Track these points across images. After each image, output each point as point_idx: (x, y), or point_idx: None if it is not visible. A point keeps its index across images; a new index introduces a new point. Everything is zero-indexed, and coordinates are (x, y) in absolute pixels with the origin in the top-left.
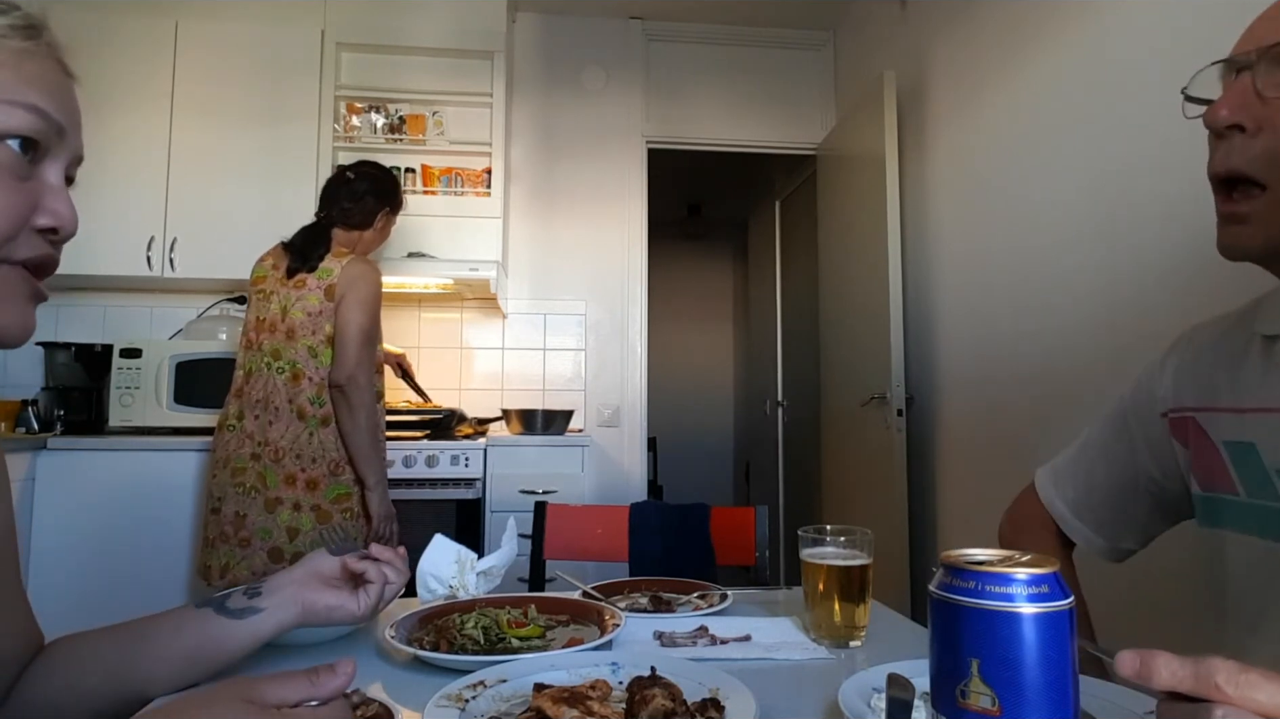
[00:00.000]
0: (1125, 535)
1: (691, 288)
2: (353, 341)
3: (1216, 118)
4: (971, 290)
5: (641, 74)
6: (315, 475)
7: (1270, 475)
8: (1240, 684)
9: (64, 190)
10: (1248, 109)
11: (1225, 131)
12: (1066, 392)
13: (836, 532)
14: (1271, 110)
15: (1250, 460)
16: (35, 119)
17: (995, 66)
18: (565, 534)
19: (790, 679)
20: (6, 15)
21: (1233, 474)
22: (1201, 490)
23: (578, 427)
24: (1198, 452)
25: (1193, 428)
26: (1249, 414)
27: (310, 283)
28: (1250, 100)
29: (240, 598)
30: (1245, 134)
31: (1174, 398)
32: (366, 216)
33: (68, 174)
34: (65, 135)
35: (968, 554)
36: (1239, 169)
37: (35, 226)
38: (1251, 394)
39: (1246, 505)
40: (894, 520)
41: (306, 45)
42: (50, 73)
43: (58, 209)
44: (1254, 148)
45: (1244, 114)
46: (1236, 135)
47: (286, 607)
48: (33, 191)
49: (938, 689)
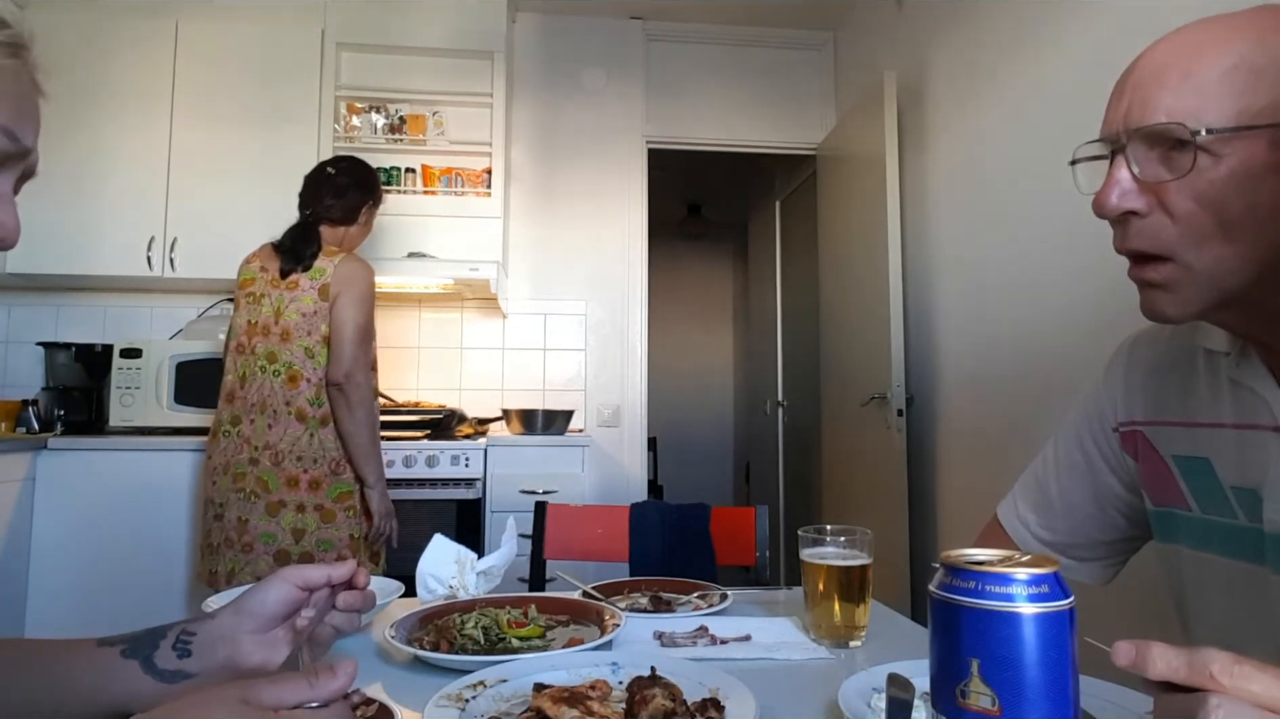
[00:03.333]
0: (1092, 555)
1: (691, 288)
2: (349, 340)
3: (1106, 208)
4: (971, 290)
5: (641, 74)
6: (317, 476)
7: (1226, 492)
8: (1235, 674)
9: (8, 200)
10: (1133, 195)
11: (1116, 220)
12: (1066, 391)
13: (836, 532)
14: (1156, 191)
15: (1203, 476)
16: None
17: (995, 66)
18: (565, 534)
19: (790, 679)
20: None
21: (1183, 489)
22: (1154, 505)
23: (578, 427)
24: (1145, 466)
25: (1141, 442)
26: (1201, 429)
27: (303, 283)
28: (1131, 186)
29: (169, 656)
30: (1140, 217)
31: (1124, 411)
32: (351, 212)
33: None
34: (25, 154)
35: (968, 554)
36: (1142, 249)
37: None
38: (1202, 409)
39: (1200, 521)
40: (894, 520)
41: (306, 45)
42: (24, 92)
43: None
44: (1150, 228)
45: (1130, 201)
46: (1132, 219)
47: (214, 673)
48: None
49: (938, 689)
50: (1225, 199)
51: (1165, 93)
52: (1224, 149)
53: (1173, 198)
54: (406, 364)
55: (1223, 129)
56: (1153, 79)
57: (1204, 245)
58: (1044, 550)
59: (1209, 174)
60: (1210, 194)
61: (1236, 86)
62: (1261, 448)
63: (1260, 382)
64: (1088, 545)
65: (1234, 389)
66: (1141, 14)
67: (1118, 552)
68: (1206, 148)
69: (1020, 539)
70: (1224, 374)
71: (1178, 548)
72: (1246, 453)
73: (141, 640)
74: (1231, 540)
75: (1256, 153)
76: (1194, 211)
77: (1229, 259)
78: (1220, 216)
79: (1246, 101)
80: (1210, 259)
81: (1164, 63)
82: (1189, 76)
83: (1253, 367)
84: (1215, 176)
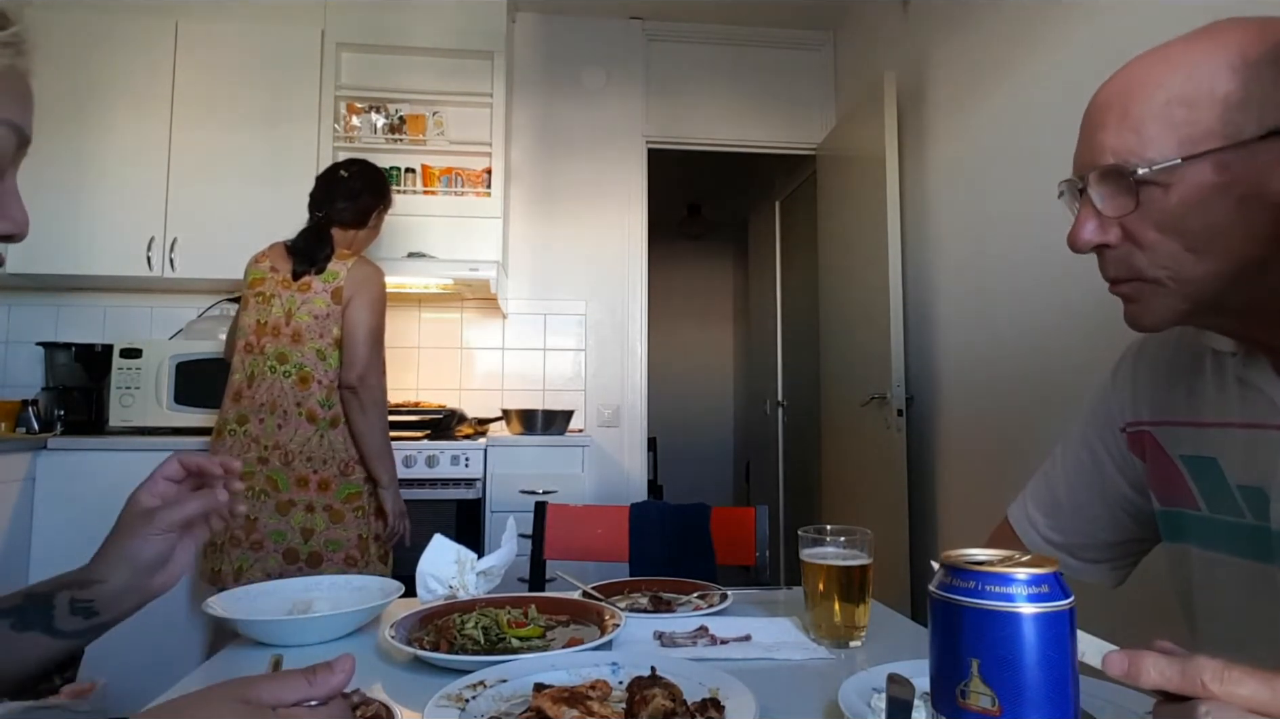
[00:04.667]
0: (1100, 557)
1: (691, 288)
2: (363, 343)
3: (1078, 244)
4: (971, 290)
5: (641, 74)
6: (327, 476)
7: (1233, 491)
8: (1226, 680)
9: (17, 194)
10: (1101, 230)
11: (1093, 251)
12: (1066, 391)
13: (836, 532)
14: (1121, 224)
15: (1211, 475)
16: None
17: (995, 67)
18: (565, 534)
19: (790, 679)
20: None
21: (1192, 489)
22: (1161, 505)
23: (578, 427)
24: (1154, 466)
25: (1149, 442)
26: (1208, 428)
27: (316, 285)
28: (1096, 223)
29: (73, 620)
30: (1112, 248)
31: (1131, 412)
32: (363, 215)
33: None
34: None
35: (968, 554)
36: (1119, 277)
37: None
38: (1210, 409)
39: (1209, 520)
40: (894, 520)
41: (306, 45)
42: (24, 88)
43: (16, 215)
44: (1122, 257)
45: (1100, 235)
46: (1106, 251)
47: (128, 615)
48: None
49: (938, 689)
50: (1183, 223)
51: (1108, 134)
52: (1171, 178)
53: (1136, 229)
54: (406, 364)
55: (1164, 162)
56: (1097, 122)
57: (1174, 266)
58: (1052, 552)
59: (1161, 203)
60: (1167, 221)
61: (1172, 120)
62: (1269, 447)
63: (1267, 381)
64: (1095, 547)
65: (1241, 388)
66: (1141, 15)
67: (1126, 554)
68: (1153, 180)
69: (1029, 540)
70: (1231, 374)
71: (1185, 548)
72: (1254, 452)
73: (26, 612)
74: (1239, 539)
75: (1204, 177)
76: (1158, 239)
77: (1200, 273)
78: (1183, 239)
79: (1185, 132)
80: (1184, 275)
81: (1105, 104)
82: (1126, 117)
83: (1259, 366)
84: (1168, 205)
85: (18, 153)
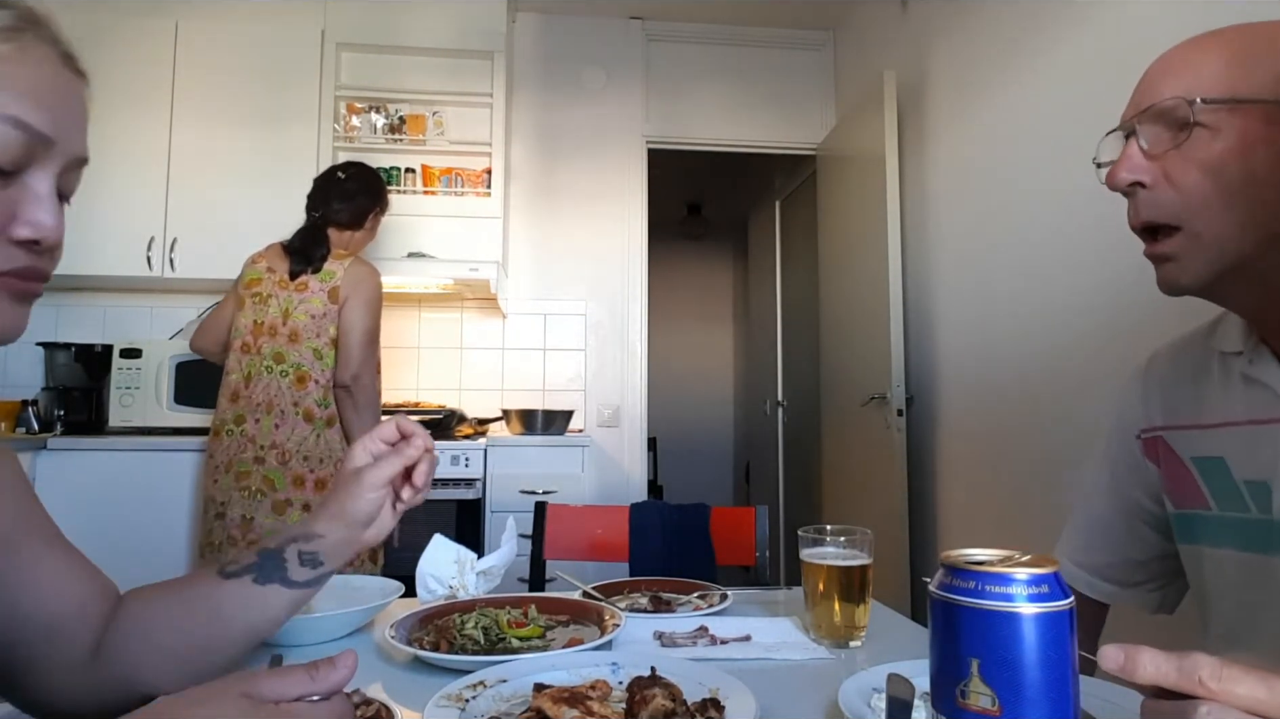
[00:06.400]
0: (1133, 579)
1: (691, 288)
2: (357, 343)
3: (1116, 180)
4: (971, 290)
5: (641, 74)
6: (323, 476)
7: (1239, 487)
8: (1223, 679)
9: (49, 198)
10: (1141, 168)
11: (1129, 190)
12: (1066, 391)
13: (836, 532)
14: (1162, 163)
15: (1219, 474)
16: (15, 132)
17: (995, 66)
18: (565, 534)
19: (790, 679)
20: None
21: (1203, 489)
22: (1175, 508)
23: (578, 427)
24: (1168, 470)
25: (1162, 447)
26: (1215, 429)
27: (313, 285)
28: (1140, 159)
29: (303, 571)
30: (1147, 189)
31: (1145, 418)
32: (359, 216)
33: (65, 179)
34: (54, 143)
35: (968, 554)
36: (1151, 219)
37: (13, 238)
38: (1216, 409)
39: (1218, 519)
40: (894, 520)
41: (306, 45)
42: (41, 77)
43: (39, 219)
44: (1158, 198)
45: (1139, 172)
46: (1140, 191)
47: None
48: (9, 201)
49: (938, 689)
50: (1224, 167)
51: (1168, 79)
52: (1221, 123)
53: (1177, 169)
54: (406, 364)
55: (1218, 100)
56: (1159, 73)
57: (1207, 212)
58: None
59: (1209, 145)
60: (1210, 163)
61: (1231, 71)
62: (1272, 441)
63: (1271, 375)
64: (1124, 566)
65: (1246, 386)
66: (1140, 15)
67: (1157, 574)
68: (1205, 122)
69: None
70: (1237, 373)
71: (1198, 548)
72: (1258, 447)
73: (264, 566)
74: (1244, 534)
75: (1252, 126)
76: (1196, 180)
77: (1231, 225)
78: (1220, 184)
79: (1241, 83)
80: (1215, 225)
81: (1165, 62)
82: (1189, 65)
83: (1265, 362)
84: (1215, 147)
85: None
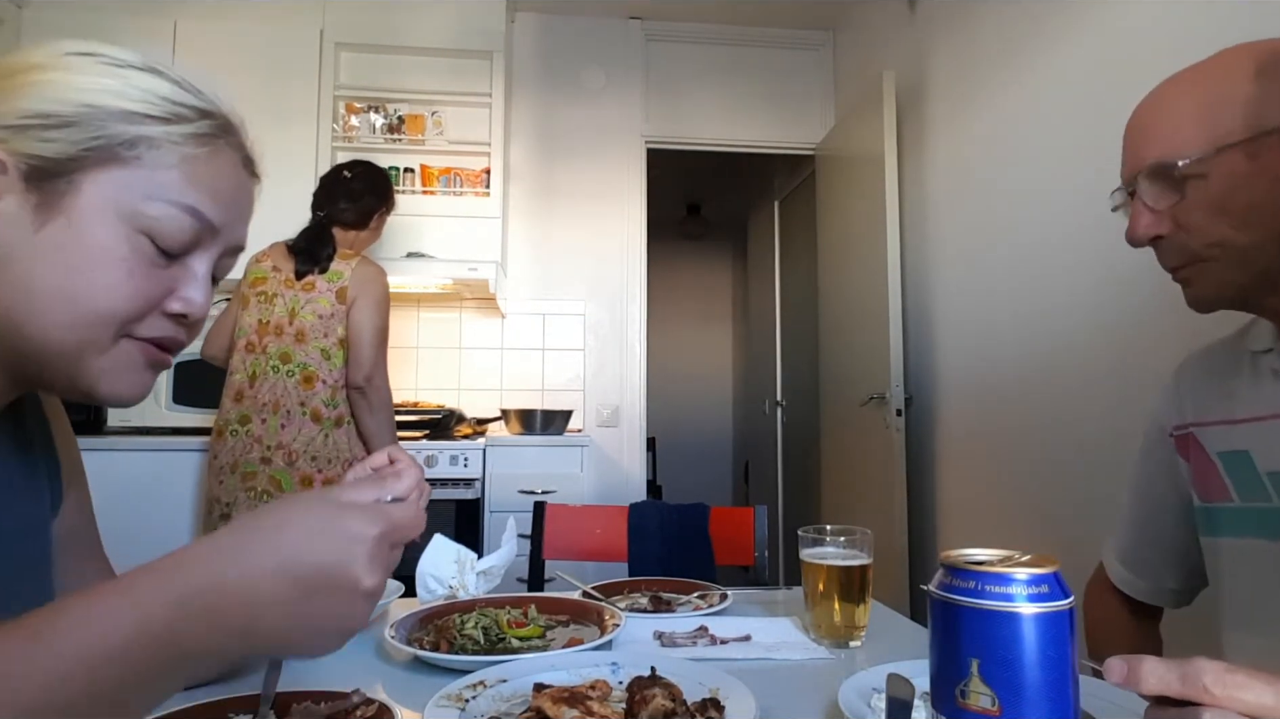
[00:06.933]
0: (1167, 572)
1: (691, 288)
2: (369, 344)
3: (1135, 239)
4: (970, 290)
5: (641, 74)
6: (331, 476)
7: (1263, 479)
8: (1227, 685)
9: (204, 280)
10: (1153, 223)
11: (1150, 243)
12: (1066, 390)
13: (836, 532)
14: (1172, 214)
15: (1244, 467)
16: (189, 219)
17: (995, 67)
18: (564, 534)
19: (790, 679)
20: (191, 124)
21: (1227, 482)
22: (1200, 502)
23: (577, 426)
24: (1197, 465)
25: (1193, 443)
26: (1241, 424)
27: (320, 285)
28: (1150, 216)
29: None
30: (1166, 239)
31: (1177, 415)
32: (364, 216)
33: (221, 263)
34: (219, 232)
35: (968, 554)
36: (1178, 264)
37: (166, 310)
38: (1245, 405)
39: (1240, 510)
40: (894, 520)
41: (305, 45)
42: (222, 176)
43: (191, 297)
44: (1177, 245)
45: (1153, 228)
46: (1161, 241)
47: None
48: (171, 278)
49: (938, 689)
50: (1227, 204)
51: (1148, 141)
52: (1209, 169)
53: (1185, 217)
54: (405, 364)
55: (1200, 155)
56: (1138, 134)
57: (1224, 243)
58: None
59: (1204, 191)
60: (1213, 204)
61: (1202, 122)
62: None
63: None
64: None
65: (1275, 380)
66: (1139, 18)
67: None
68: (1194, 173)
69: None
70: (1266, 369)
71: (1218, 541)
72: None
73: None
74: (1266, 523)
75: (1237, 165)
76: (1206, 221)
77: (1247, 243)
78: (1229, 218)
79: (1215, 130)
80: (1234, 250)
81: (1141, 120)
82: (1162, 125)
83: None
84: (1211, 190)
85: (206, 241)
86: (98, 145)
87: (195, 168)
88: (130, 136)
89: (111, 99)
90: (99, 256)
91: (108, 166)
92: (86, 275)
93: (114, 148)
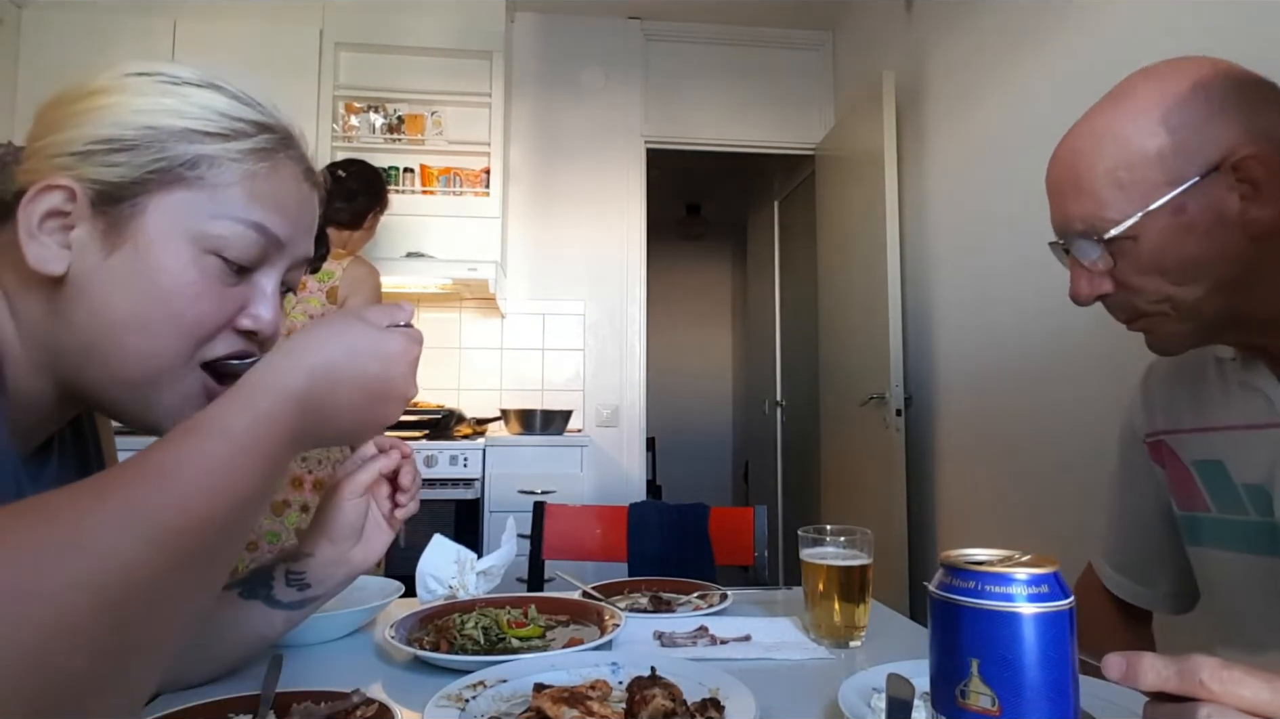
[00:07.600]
0: (1158, 576)
1: (691, 288)
2: None
3: (1079, 299)
4: (970, 290)
5: (640, 74)
6: (321, 476)
7: (1239, 491)
8: (1224, 681)
9: (273, 296)
10: (1094, 284)
11: (1095, 302)
12: (1065, 390)
13: (836, 532)
14: (1111, 272)
15: (1218, 477)
16: (255, 235)
17: (995, 67)
18: (564, 534)
19: (790, 679)
20: (250, 139)
21: (1203, 492)
22: (1180, 510)
23: (576, 427)
24: (1173, 472)
25: (1166, 450)
26: (1214, 433)
27: (311, 285)
28: (1088, 278)
29: (289, 591)
30: (1110, 297)
31: (1149, 423)
32: (359, 216)
33: (290, 275)
34: (285, 246)
35: (968, 554)
36: (1129, 319)
37: (237, 327)
38: (1215, 414)
39: (1218, 522)
40: (894, 520)
41: (305, 45)
42: (284, 190)
43: (260, 314)
44: (1122, 301)
45: (1095, 288)
46: (1106, 299)
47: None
48: (241, 296)
49: (938, 689)
50: (1161, 263)
51: (1069, 203)
52: (1136, 231)
53: (1124, 276)
54: None
55: (1124, 221)
56: (1057, 193)
57: (1168, 299)
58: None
59: (1136, 252)
60: (1147, 264)
61: (1119, 184)
62: (1269, 445)
63: (1265, 381)
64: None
65: (1243, 391)
66: (1137, 18)
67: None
68: (1122, 236)
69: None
70: (1233, 379)
71: (1203, 550)
72: (1255, 451)
73: (252, 583)
74: (1245, 537)
75: (1165, 222)
76: (1144, 280)
77: (1192, 299)
78: (1166, 276)
79: (1134, 191)
80: (1180, 304)
81: (1059, 177)
82: (1079, 188)
83: (1258, 368)
84: (1142, 252)
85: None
86: (160, 167)
87: (257, 183)
88: (191, 156)
89: (171, 118)
90: (168, 283)
91: (171, 188)
92: (158, 303)
93: (176, 169)
